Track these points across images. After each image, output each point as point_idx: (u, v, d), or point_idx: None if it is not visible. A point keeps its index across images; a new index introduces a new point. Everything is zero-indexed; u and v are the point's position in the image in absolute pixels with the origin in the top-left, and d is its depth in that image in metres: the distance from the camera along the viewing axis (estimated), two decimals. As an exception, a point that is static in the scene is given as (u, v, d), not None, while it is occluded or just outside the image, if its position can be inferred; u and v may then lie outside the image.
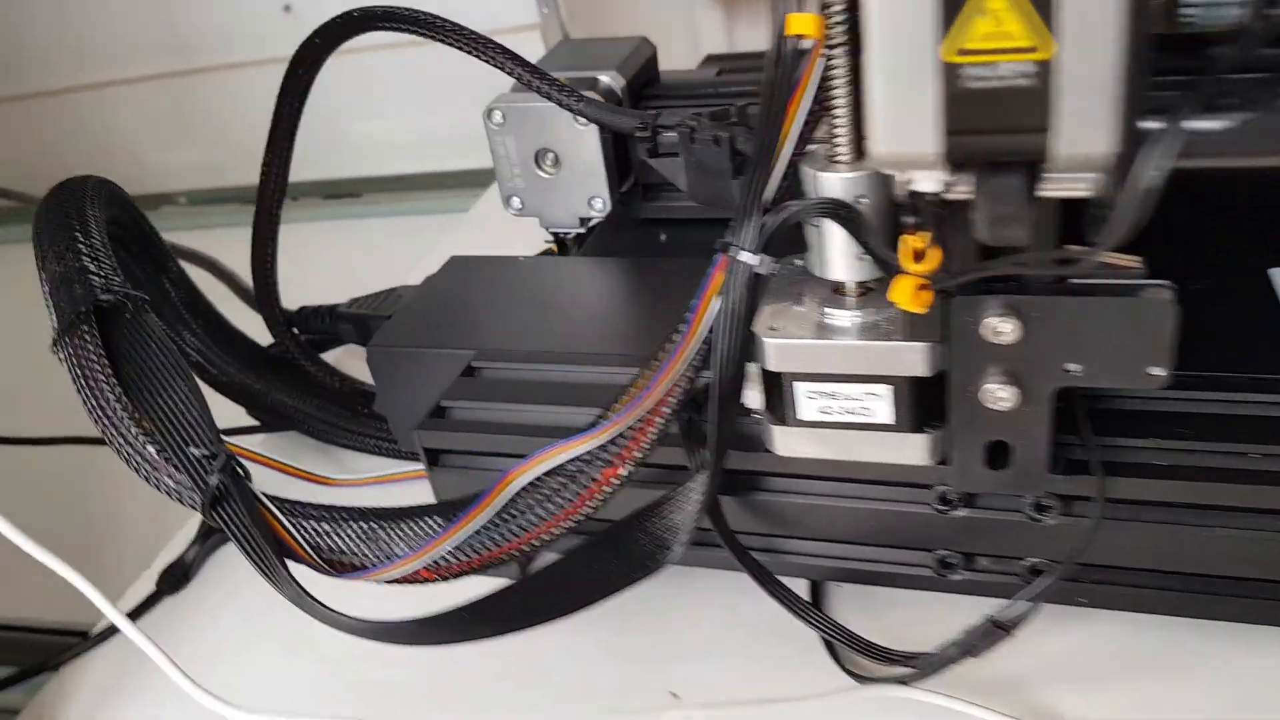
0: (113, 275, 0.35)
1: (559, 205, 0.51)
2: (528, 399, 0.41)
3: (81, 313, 0.34)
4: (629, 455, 0.33)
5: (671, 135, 0.40)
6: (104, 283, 0.35)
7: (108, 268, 0.36)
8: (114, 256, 0.36)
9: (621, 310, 0.46)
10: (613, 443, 0.33)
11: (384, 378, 0.46)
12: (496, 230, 0.74)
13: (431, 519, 0.33)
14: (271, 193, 0.49)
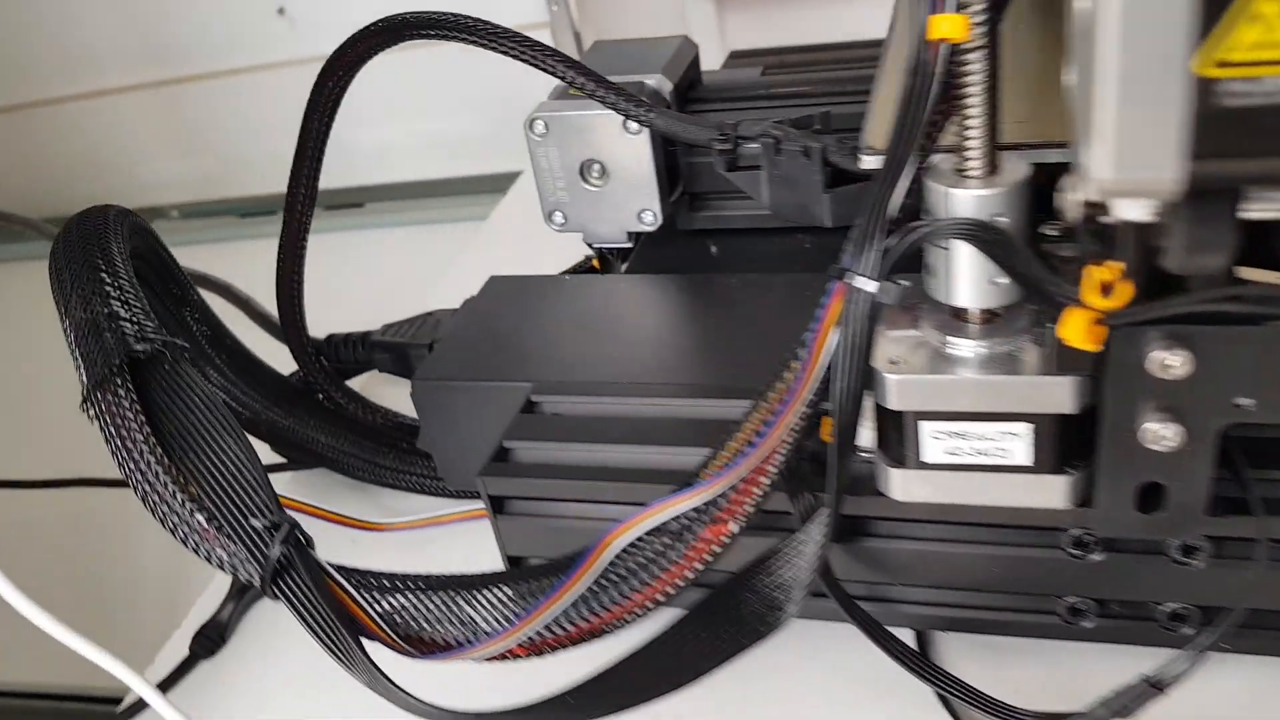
0: (146, 321, 0.32)
1: (606, 219, 0.48)
2: (598, 437, 0.37)
3: (115, 366, 0.30)
4: (740, 509, 0.29)
5: (753, 147, 0.36)
6: (137, 330, 0.31)
7: (140, 313, 0.32)
8: (145, 299, 0.33)
9: (685, 333, 0.42)
10: (721, 495, 0.29)
11: (431, 413, 0.42)
12: (515, 241, 0.71)
13: (522, 587, 0.29)
14: (299, 216, 0.45)
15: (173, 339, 0.31)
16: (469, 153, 0.87)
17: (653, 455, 0.36)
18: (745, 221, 0.51)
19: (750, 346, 0.40)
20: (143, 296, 0.33)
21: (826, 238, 0.50)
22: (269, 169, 0.92)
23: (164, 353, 0.31)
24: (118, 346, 0.30)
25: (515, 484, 0.36)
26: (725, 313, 0.43)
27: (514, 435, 0.38)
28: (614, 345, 0.42)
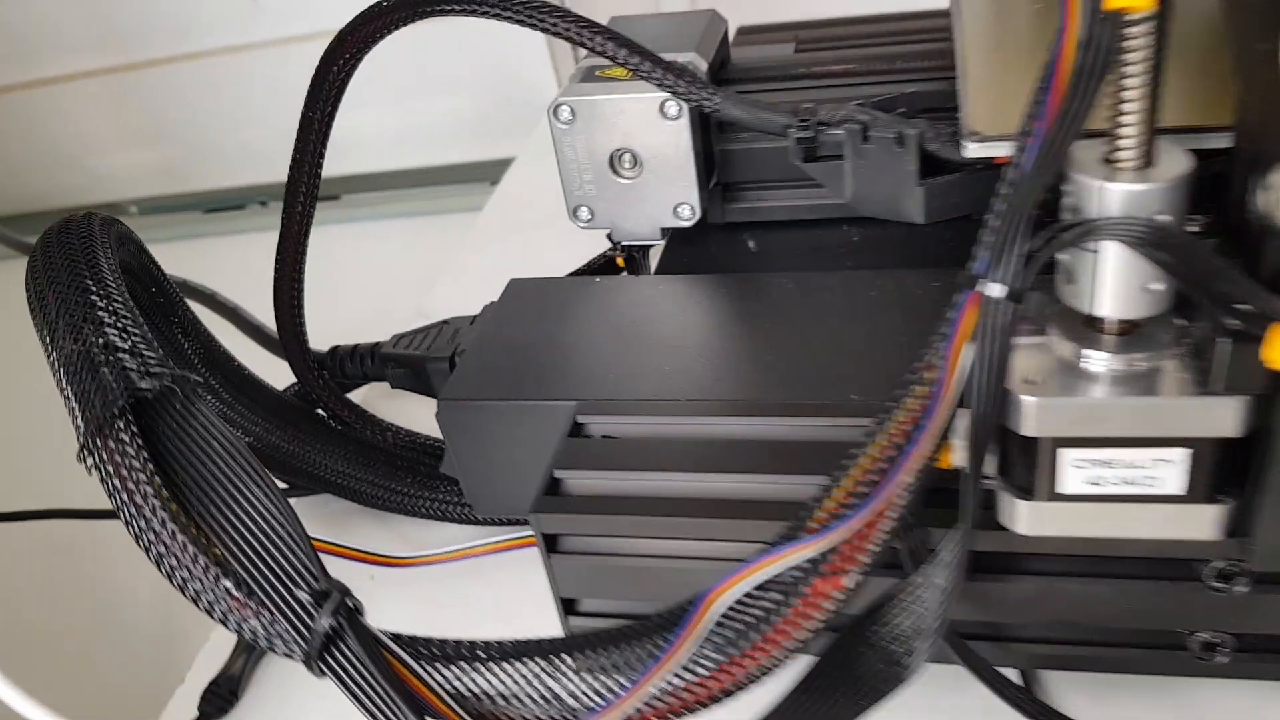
0: (149, 353, 0.27)
1: (638, 214, 0.44)
2: (660, 464, 0.33)
3: (118, 408, 0.25)
4: (858, 557, 0.25)
5: (835, 134, 0.32)
6: (140, 364, 0.26)
7: (142, 342, 0.27)
8: (144, 325, 0.28)
9: (739, 341, 0.38)
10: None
11: (459, 436, 0.38)
12: (516, 235, 0.66)
13: (615, 654, 0.25)
14: (299, 216, 0.40)
15: (184, 373, 0.27)
16: (454, 139, 0.82)
17: (724, 484, 0.32)
18: (784, 214, 0.47)
19: (816, 355, 0.36)
20: (143, 323, 0.28)
21: (874, 230, 0.46)
22: (236, 160, 0.87)
23: (174, 389, 0.26)
24: (119, 384, 0.26)
25: (572, 521, 0.32)
26: (781, 317, 0.39)
27: (564, 463, 0.33)
28: (661, 356, 0.38)
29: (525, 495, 0.39)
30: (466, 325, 0.43)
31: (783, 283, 0.41)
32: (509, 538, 0.39)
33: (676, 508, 0.32)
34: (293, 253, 0.41)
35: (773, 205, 0.46)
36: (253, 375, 0.43)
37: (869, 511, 0.25)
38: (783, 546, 0.25)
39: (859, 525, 0.25)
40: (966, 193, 0.31)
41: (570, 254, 0.62)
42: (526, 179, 0.73)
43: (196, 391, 0.27)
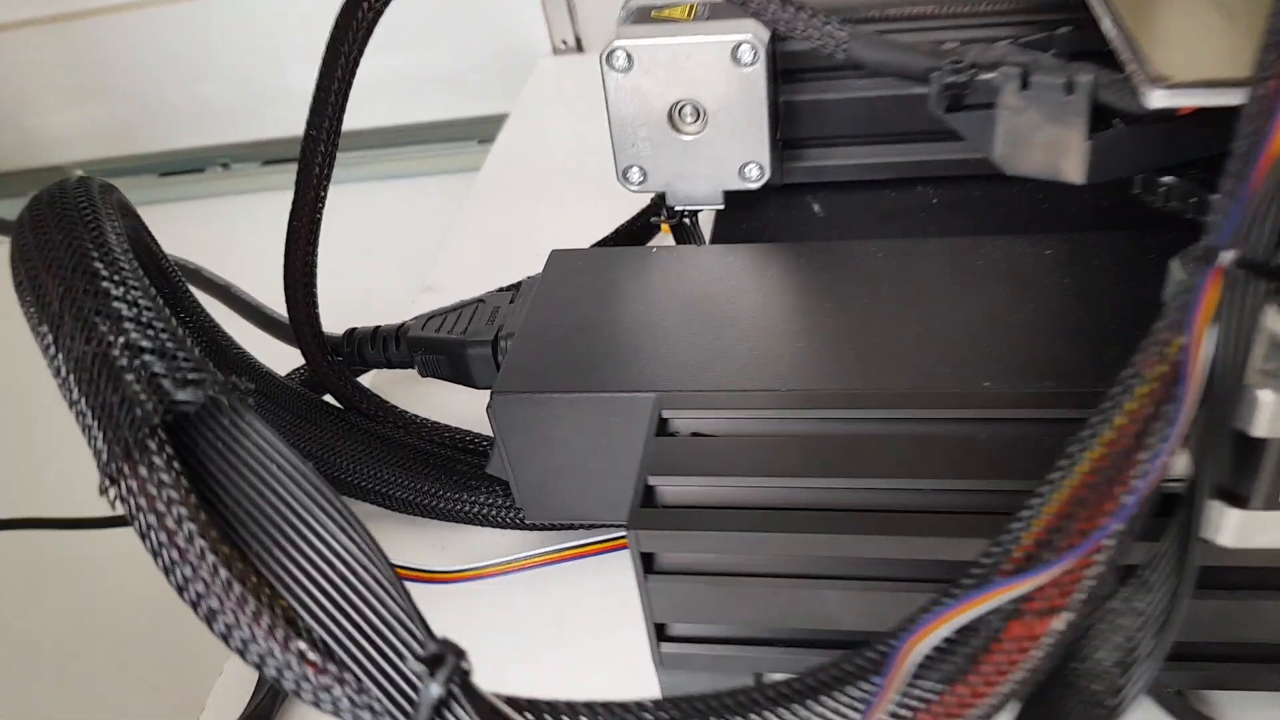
0: (182, 354, 0.21)
1: (699, 175, 0.38)
2: (774, 467, 0.28)
3: (151, 427, 0.20)
4: (1074, 593, 0.21)
5: (989, 78, 0.27)
6: (174, 369, 0.21)
7: (172, 341, 0.22)
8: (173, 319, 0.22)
9: (834, 320, 0.33)
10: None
11: (515, 434, 0.33)
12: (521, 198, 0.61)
13: (799, 712, 0.20)
14: (315, 182, 0.35)
15: (231, 378, 0.21)
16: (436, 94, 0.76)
17: (852, 491, 0.28)
18: (851, 173, 0.42)
19: (927, 336, 0.32)
20: (170, 316, 0.22)
21: (953, 190, 0.42)
22: (194, 118, 0.79)
23: (220, 400, 0.21)
24: (150, 396, 0.20)
25: (676, 538, 0.27)
26: (877, 291, 0.34)
27: (659, 468, 0.29)
28: (745, 338, 0.33)
29: (589, 499, 0.34)
30: (506, 303, 0.38)
31: (871, 252, 0.36)
32: (573, 545, 0.35)
33: (806, 522, 0.27)
34: (307, 221, 0.35)
35: (838, 164, 0.42)
36: (263, 367, 0.38)
37: (1100, 539, 0.20)
38: (995, 583, 0.21)
39: (1085, 553, 0.20)
40: (1138, 149, 0.26)
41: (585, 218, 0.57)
42: (524, 136, 0.67)
43: (246, 403, 0.21)
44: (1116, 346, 0.30)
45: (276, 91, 0.78)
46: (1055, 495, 0.21)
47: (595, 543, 0.35)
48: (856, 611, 0.27)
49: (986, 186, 0.41)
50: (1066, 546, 0.21)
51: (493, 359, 0.36)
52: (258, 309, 0.42)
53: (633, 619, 0.34)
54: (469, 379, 0.37)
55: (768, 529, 0.27)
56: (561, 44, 0.77)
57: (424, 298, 0.52)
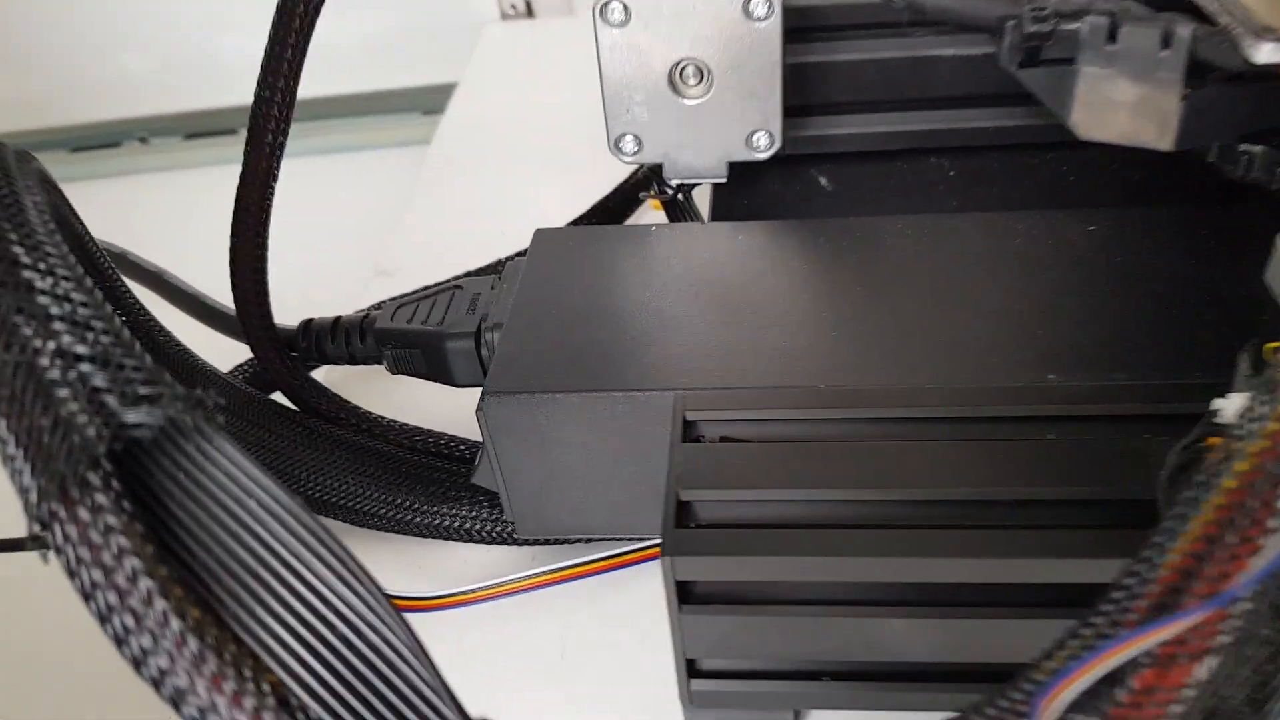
0: (130, 361, 0.17)
1: (701, 144, 0.35)
2: (827, 478, 0.24)
3: (94, 459, 0.16)
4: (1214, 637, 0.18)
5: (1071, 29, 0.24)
6: (121, 381, 0.16)
7: (117, 346, 0.17)
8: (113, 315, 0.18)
9: (864, 305, 0.30)
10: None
11: (509, 440, 0.29)
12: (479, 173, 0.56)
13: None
14: (268, 151, 0.30)
15: (194, 392, 0.17)
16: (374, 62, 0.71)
17: (920, 506, 0.24)
18: (857, 143, 0.38)
19: (973, 323, 0.28)
20: (112, 313, 0.18)
21: (969, 161, 0.38)
22: (109, 90, 0.73)
23: (182, 421, 0.16)
24: (91, 420, 0.16)
25: (723, 565, 0.24)
26: (910, 273, 0.31)
27: (691, 481, 0.25)
28: (769, 328, 0.29)
29: (593, 511, 0.30)
30: (486, 289, 0.33)
31: (897, 229, 0.33)
32: (580, 563, 0.30)
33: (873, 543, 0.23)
34: (258, 198, 0.30)
35: (846, 133, 0.38)
36: (208, 367, 0.33)
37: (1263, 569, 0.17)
38: (1141, 630, 0.17)
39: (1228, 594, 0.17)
40: (1230, 112, 0.23)
41: (548, 194, 0.53)
42: (475, 107, 0.62)
43: (215, 422, 0.17)
44: (1186, 332, 0.27)
45: (200, 59, 0.72)
46: (1195, 518, 0.18)
47: (602, 559, 0.31)
48: (925, 641, 0.24)
49: (1005, 157, 0.38)
50: (1216, 579, 0.17)
51: (475, 353, 0.32)
52: (196, 299, 0.37)
53: (645, 643, 0.30)
54: (447, 376, 0.32)
55: (829, 551, 0.23)
56: (510, 9, 0.72)
57: (378, 283, 0.48)
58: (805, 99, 0.37)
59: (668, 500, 0.24)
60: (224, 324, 0.37)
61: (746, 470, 0.25)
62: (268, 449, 0.33)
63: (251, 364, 0.38)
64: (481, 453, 0.30)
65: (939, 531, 0.23)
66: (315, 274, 0.51)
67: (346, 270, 0.51)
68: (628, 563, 0.31)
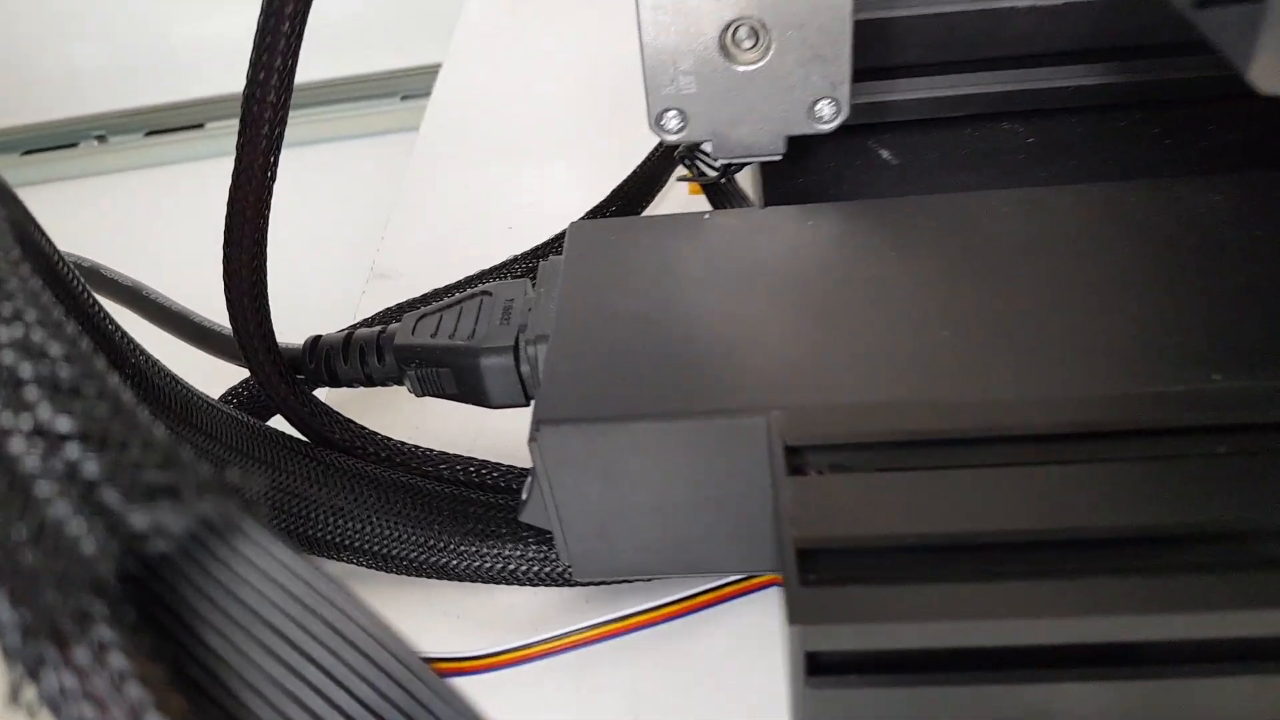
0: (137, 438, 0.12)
1: (757, 116, 0.30)
2: (982, 515, 0.20)
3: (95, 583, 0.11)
4: None
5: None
6: (127, 469, 0.12)
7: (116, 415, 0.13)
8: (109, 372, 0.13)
9: (971, 298, 0.26)
10: None
11: (569, 474, 0.25)
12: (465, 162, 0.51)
13: None
14: (265, 144, 0.25)
15: (228, 477, 0.12)
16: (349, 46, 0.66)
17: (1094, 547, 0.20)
18: (918, 109, 0.34)
19: (1107, 315, 0.24)
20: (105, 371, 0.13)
21: (1047, 126, 0.34)
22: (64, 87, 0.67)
23: (216, 519, 0.12)
24: (90, 530, 0.12)
25: (865, 634, 0.19)
26: (1020, 258, 0.27)
27: (809, 525, 0.20)
28: (865, 331, 0.25)
29: (666, 550, 0.26)
30: (520, 294, 0.29)
31: (992, 206, 0.28)
32: (650, 609, 0.26)
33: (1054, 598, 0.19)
34: (254, 199, 0.26)
35: (906, 99, 0.34)
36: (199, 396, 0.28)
37: None
38: None
39: None
40: None
41: (552, 181, 0.48)
42: (463, 91, 0.58)
43: (259, 514, 0.13)
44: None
45: (159, 48, 0.67)
46: None
47: (678, 602, 0.27)
48: (1112, 709, 0.20)
49: (1087, 120, 0.34)
50: None
51: (515, 370, 0.27)
52: (184, 317, 0.33)
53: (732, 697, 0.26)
54: (482, 397, 0.28)
55: (1002, 611, 0.19)
56: (491, -17, 0.67)
57: (377, 288, 0.43)
58: (860, 62, 0.32)
59: (783, 551, 0.20)
60: (217, 345, 0.32)
61: (874, 508, 0.21)
62: (277, 489, 0.28)
63: (246, 386, 0.33)
64: (531, 487, 0.26)
65: (1130, 579, 0.19)
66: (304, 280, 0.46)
67: (339, 275, 0.46)
68: (705, 604, 0.27)
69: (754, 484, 0.24)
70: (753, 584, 0.27)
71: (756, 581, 0.27)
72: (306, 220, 0.54)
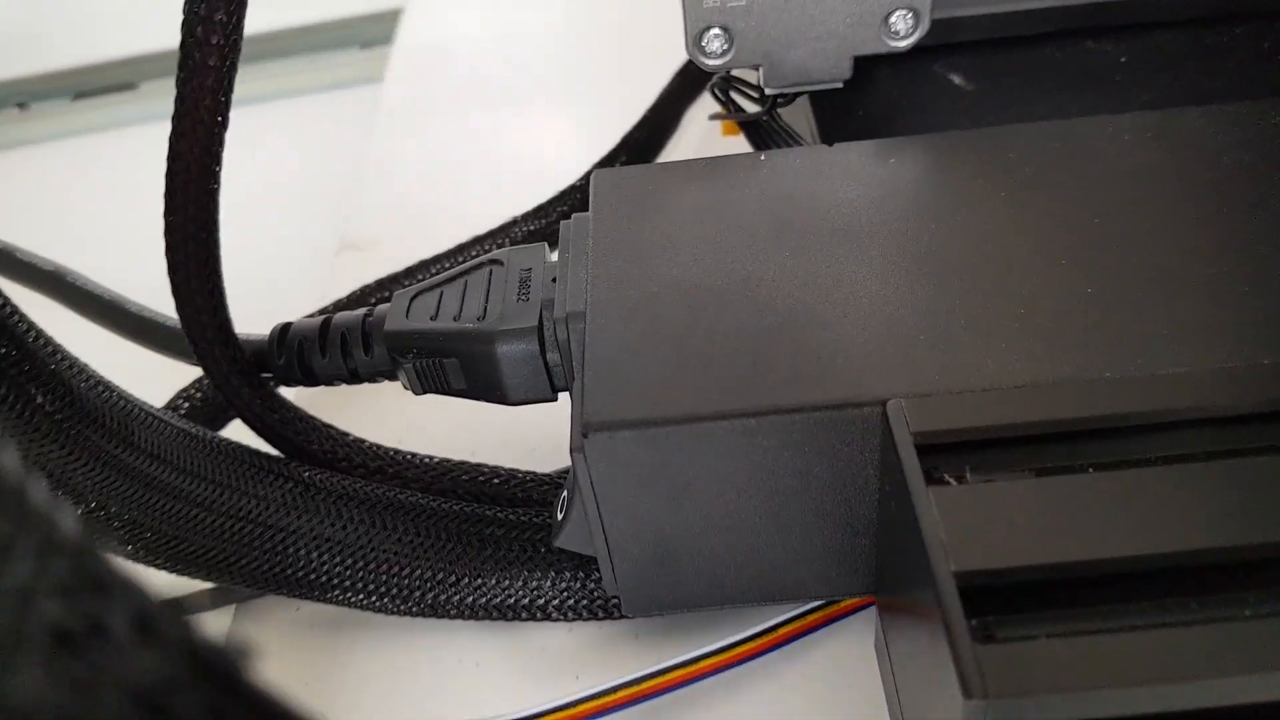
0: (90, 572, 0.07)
1: (820, 32, 0.25)
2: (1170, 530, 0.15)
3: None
4: None
5: None
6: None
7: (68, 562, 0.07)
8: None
9: (1107, 247, 0.21)
10: None
11: (625, 491, 0.19)
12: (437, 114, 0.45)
13: None
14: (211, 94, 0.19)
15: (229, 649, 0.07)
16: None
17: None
18: (990, 27, 0.29)
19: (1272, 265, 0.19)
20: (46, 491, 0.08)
21: (1141, 43, 0.29)
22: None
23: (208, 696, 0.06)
24: None
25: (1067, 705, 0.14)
26: (1149, 196, 0.21)
27: (972, 557, 0.15)
28: (982, 292, 0.20)
29: (740, 578, 0.21)
30: (539, 262, 0.23)
31: (1108, 134, 0.23)
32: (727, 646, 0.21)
33: None
34: (200, 156, 0.20)
35: (978, 14, 0.29)
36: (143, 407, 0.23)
37: None
38: None
39: None
40: None
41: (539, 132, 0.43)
42: (430, 33, 0.51)
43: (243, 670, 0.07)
44: None
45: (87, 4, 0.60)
46: None
47: (758, 637, 0.21)
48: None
49: (1182, 36, 0.29)
50: None
51: (540, 357, 0.22)
52: (118, 307, 0.27)
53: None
54: (499, 391, 0.23)
55: (1244, 664, 0.14)
56: (452, -81, 0.60)
57: (347, 262, 0.37)
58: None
59: (943, 593, 0.15)
60: (161, 339, 0.26)
61: (1045, 527, 0.16)
62: (249, 521, 0.23)
63: (199, 389, 0.28)
64: (569, 505, 0.21)
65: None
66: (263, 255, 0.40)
67: (302, 247, 0.40)
68: (787, 638, 0.22)
69: (856, 491, 0.19)
70: (840, 609, 0.22)
71: (844, 606, 0.22)
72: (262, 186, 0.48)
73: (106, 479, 0.22)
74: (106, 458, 0.22)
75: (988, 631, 0.15)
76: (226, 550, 0.23)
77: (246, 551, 0.23)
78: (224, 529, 0.23)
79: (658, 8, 0.41)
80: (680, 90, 0.36)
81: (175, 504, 0.23)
